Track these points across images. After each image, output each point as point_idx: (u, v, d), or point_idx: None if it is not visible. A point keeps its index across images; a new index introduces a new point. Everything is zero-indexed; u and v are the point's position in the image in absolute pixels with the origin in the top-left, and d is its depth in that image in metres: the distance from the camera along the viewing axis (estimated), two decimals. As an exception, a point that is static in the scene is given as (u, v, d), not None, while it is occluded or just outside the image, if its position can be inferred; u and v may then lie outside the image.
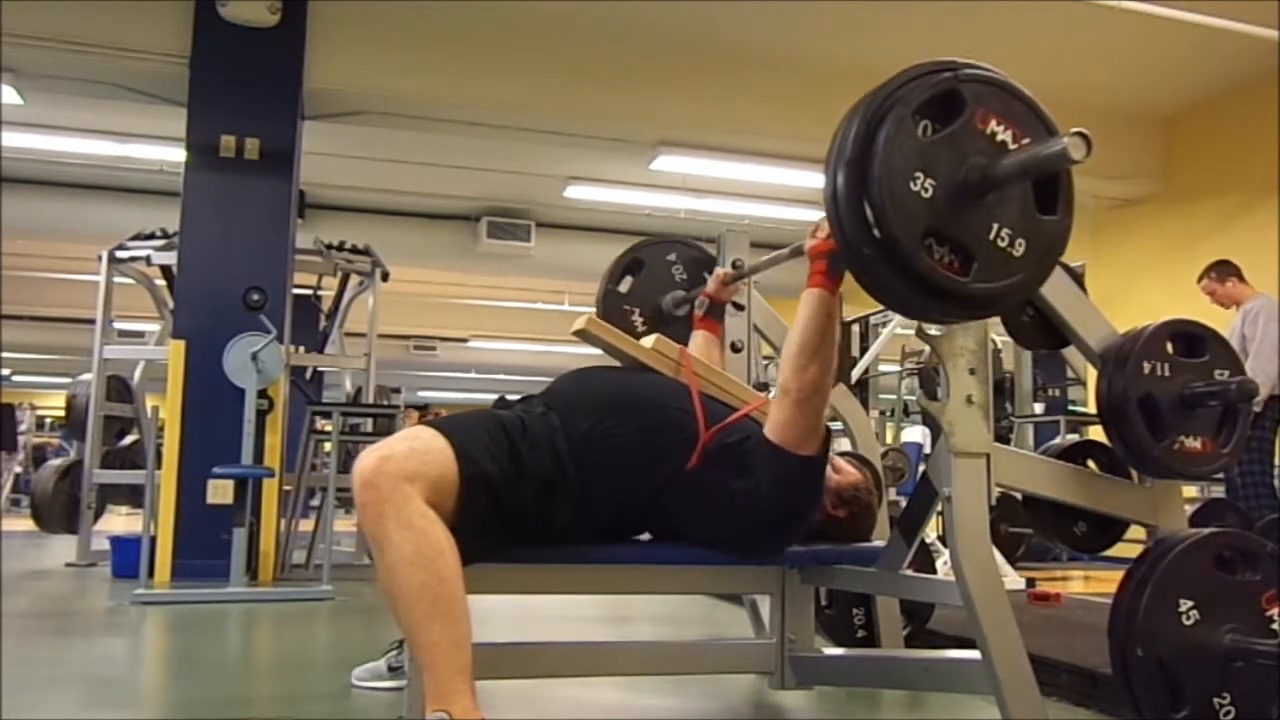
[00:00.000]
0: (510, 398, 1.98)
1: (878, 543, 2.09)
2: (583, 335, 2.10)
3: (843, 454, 2.29)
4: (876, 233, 1.35)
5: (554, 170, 7.63)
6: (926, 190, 1.35)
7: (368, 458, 1.58)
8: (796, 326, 1.78)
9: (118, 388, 5.86)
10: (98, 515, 5.62)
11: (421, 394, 18.73)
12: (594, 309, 2.56)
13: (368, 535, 1.58)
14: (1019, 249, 1.41)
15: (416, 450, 1.61)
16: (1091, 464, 1.96)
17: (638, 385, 2.00)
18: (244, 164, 5.00)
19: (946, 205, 1.36)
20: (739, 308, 2.56)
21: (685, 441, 1.83)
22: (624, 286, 2.61)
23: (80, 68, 5.18)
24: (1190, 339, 1.84)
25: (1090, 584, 5.15)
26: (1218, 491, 5.24)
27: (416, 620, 1.53)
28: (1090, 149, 1.27)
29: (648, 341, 2.11)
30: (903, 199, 1.34)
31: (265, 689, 2.70)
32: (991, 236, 1.40)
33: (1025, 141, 1.42)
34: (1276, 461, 4.79)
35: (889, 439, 7.20)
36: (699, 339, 2.33)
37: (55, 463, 6.34)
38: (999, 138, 1.40)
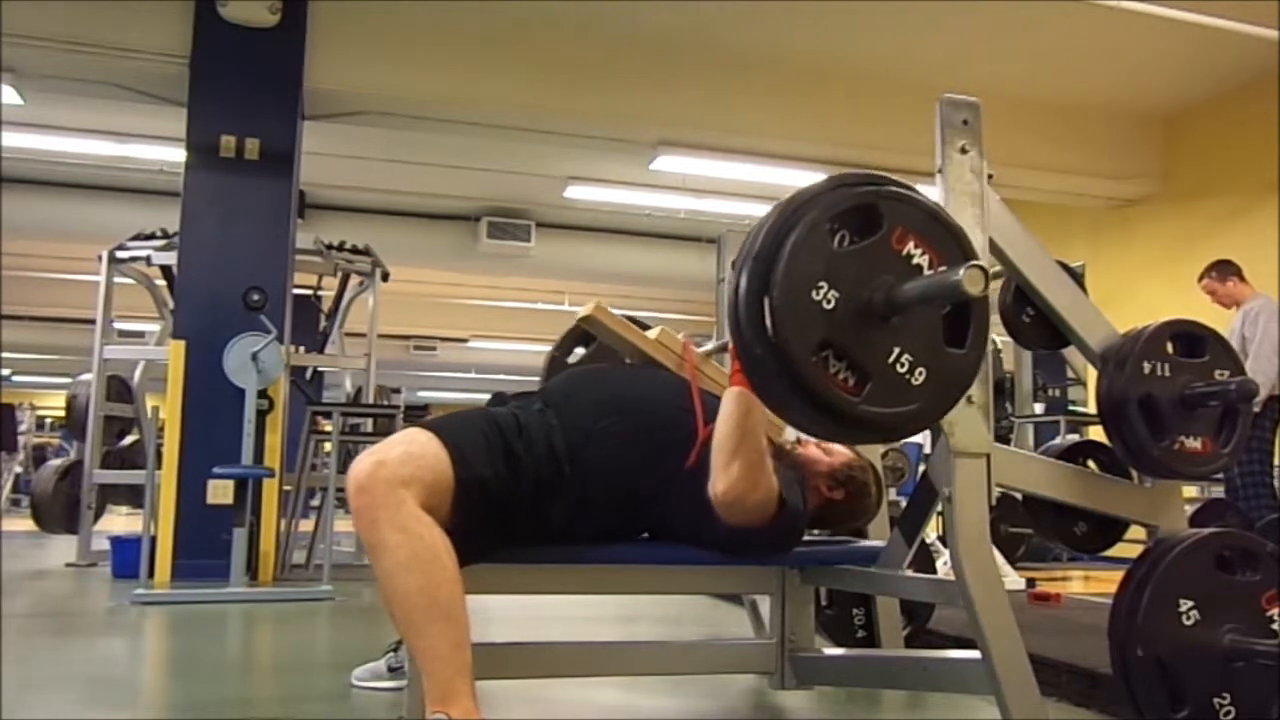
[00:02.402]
0: (506, 394, 1.98)
1: (878, 543, 2.09)
2: (589, 322, 2.10)
3: None
4: (771, 335, 1.31)
5: (554, 170, 7.63)
6: (829, 301, 1.32)
7: (362, 463, 1.58)
8: (718, 425, 1.73)
9: (118, 388, 5.86)
10: (98, 515, 5.62)
11: (421, 394, 18.73)
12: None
13: (363, 540, 1.58)
14: (918, 378, 1.36)
15: (411, 454, 1.60)
16: (1091, 464, 1.97)
17: (637, 383, 1.99)
18: (244, 164, 5.00)
19: (848, 320, 1.32)
20: None
21: (684, 440, 1.83)
22: (572, 358, 2.52)
23: (80, 68, 5.18)
24: (1190, 339, 1.84)
25: (1090, 584, 5.16)
26: (1218, 491, 5.24)
27: (414, 623, 1.53)
28: (987, 283, 1.24)
29: (653, 333, 2.11)
30: (802, 305, 1.30)
31: (265, 689, 2.70)
32: (891, 360, 1.35)
33: (942, 269, 1.37)
34: (1276, 461, 4.79)
35: (889, 439, 7.19)
36: None
37: (55, 463, 6.34)
38: (915, 260, 1.37)
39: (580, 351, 2.53)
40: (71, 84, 5.42)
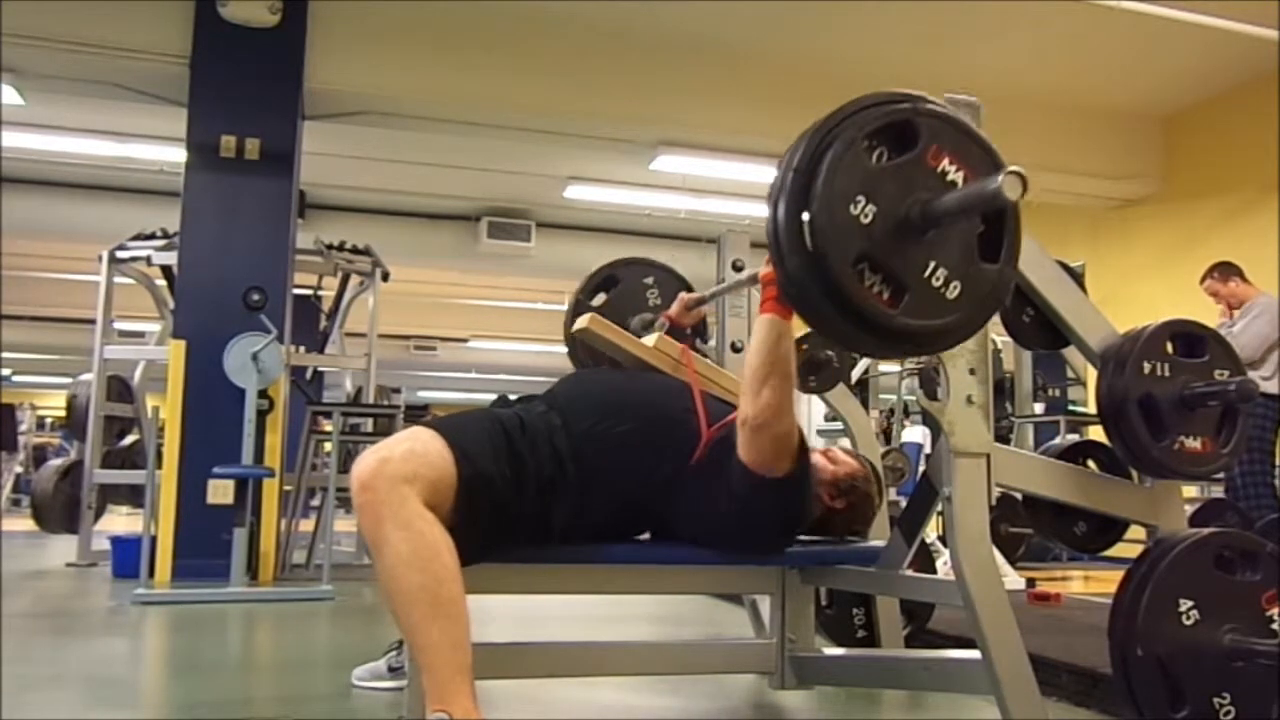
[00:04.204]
0: (510, 397, 1.98)
1: (878, 543, 2.09)
2: (585, 334, 2.10)
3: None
4: (810, 248, 1.33)
5: (554, 170, 7.63)
6: (866, 216, 1.33)
7: (366, 460, 1.59)
8: (749, 352, 1.75)
9: (118, 388, 5.86)
10: (98, 515, 5.62)
11: (421, 394, 18.73)
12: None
13: (366, 537, 1.58)
14: (953, 291, 1.38)
15: (415, 452, 1.61)
16: (1091, 464, 1.97)
17: (640, 385, 2.00)
18: (244, 164, 5.00)
19: (885, 234, 1.34)
20: (703, 339, 2.52)
21: (687, 440, 1.83)
22: (596, 301, 2.57)
23: (80, 68, 5.18)
24: (1190, 339, 1.84)
25: (1090, 584, 5.16)
26: (1218, 491, 5.24)
27: (415, 621, 1.53)
28: (1025, 188, 1.25)
29: (650, 340, 2.11)
30: (840, 218, 1.32)
31: (265, 689, 2.70)
32: (926, 274, 1.37)
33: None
34: (1277, 461, 4.79)
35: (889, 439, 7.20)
36: None
37: (55, 463, 6.34)
38: (949, 177, 1.38)
39: (603, 297, 2.58)
40: (72, 84, 5.42)
